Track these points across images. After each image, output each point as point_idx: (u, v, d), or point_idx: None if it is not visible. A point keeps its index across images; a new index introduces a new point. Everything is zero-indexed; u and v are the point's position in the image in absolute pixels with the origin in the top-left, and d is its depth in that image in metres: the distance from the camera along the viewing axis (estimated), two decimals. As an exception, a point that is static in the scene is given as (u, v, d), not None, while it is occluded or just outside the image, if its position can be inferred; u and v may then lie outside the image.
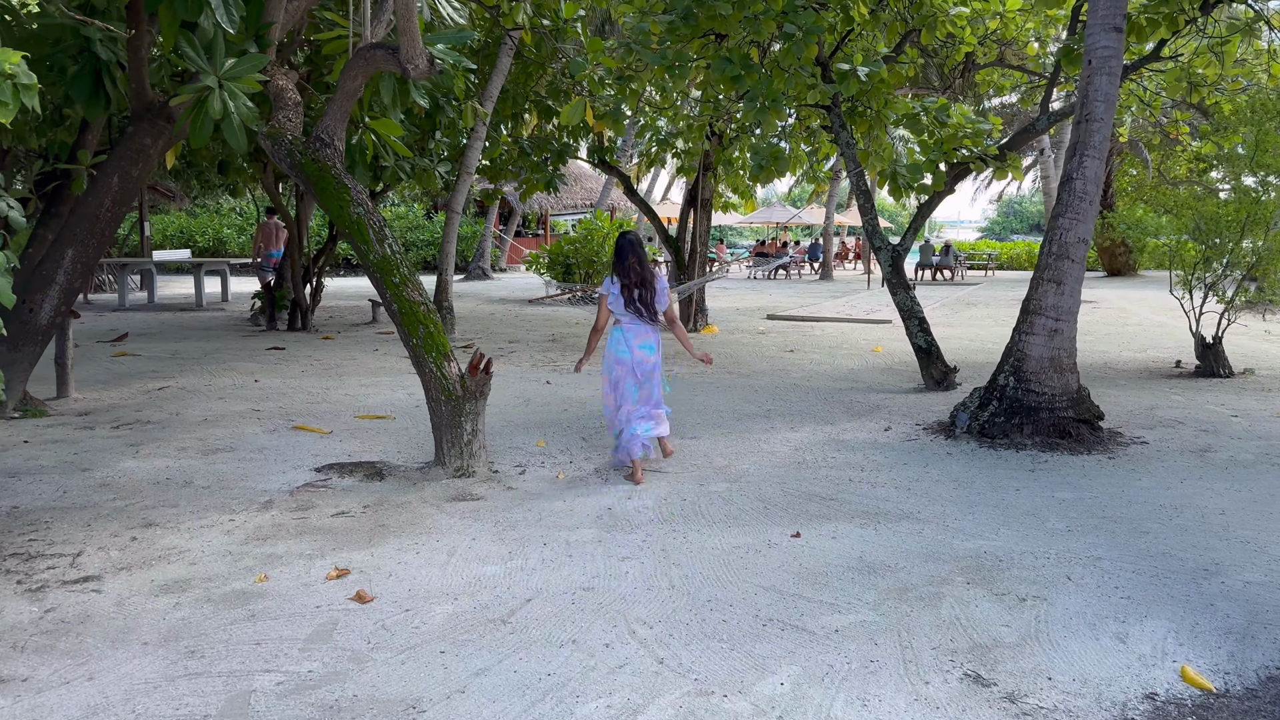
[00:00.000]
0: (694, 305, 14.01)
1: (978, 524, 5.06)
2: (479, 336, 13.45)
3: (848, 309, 17.90)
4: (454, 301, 19.56)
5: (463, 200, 13.21)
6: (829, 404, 8.52)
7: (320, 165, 6.17)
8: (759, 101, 8.31)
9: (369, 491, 5.56)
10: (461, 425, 5.88)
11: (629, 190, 14.59)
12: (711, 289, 24.26)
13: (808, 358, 11.44)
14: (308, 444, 6.79)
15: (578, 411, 8.03)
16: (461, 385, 5.86)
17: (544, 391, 8.95)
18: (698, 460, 6.42)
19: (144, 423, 7.42)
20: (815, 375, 10.13)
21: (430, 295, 5.96)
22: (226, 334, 13.42)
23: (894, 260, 9.43)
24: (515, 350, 11.93)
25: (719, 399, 8.67)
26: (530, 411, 8.03)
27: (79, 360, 10.46)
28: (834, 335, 13.88)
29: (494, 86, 13.02)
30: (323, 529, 4.84)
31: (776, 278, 30.96)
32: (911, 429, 7.48)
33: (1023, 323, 7.25)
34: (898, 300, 9.43)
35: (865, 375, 10.19)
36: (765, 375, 10.08)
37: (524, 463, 6.32)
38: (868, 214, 9.54)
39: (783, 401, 8.61)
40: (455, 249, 13.33)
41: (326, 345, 12.21)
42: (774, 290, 24.91)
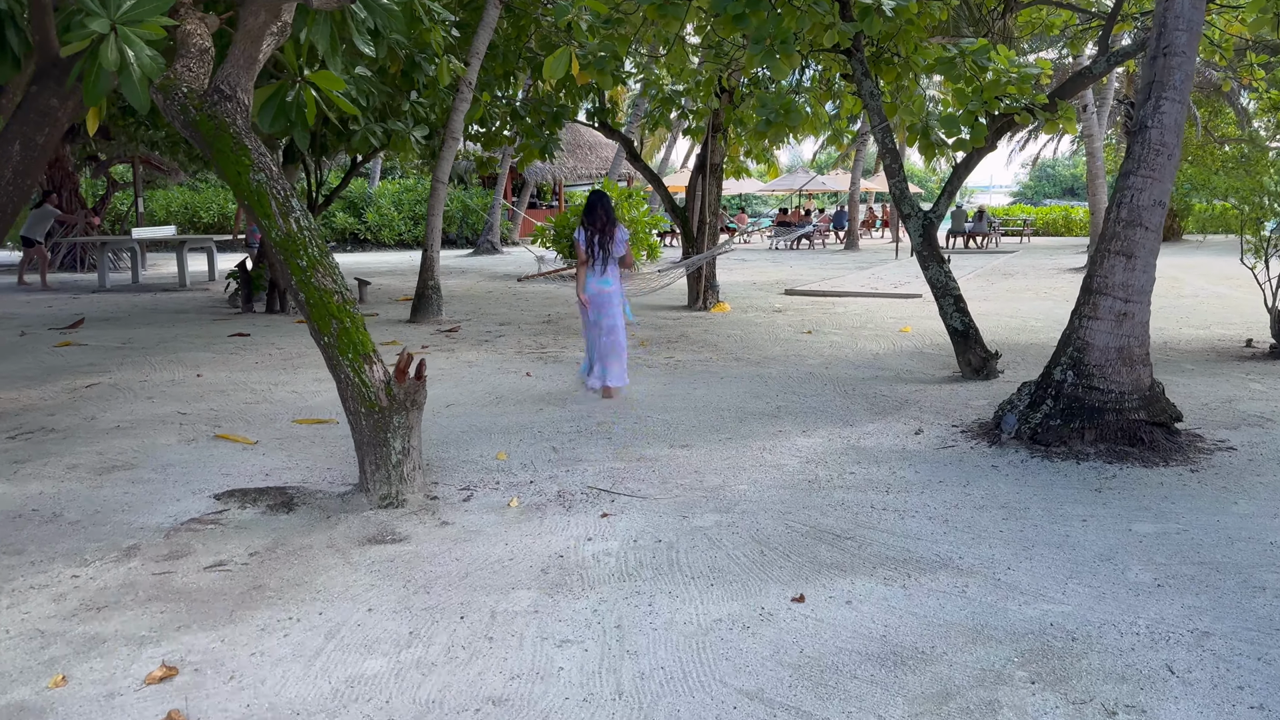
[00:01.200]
0: (703, 281, 12.79)
1: (1037, 575, 3.87)
2: (467, 318, 12.32)
3: (873, 282, 16.60)
4: (455, 279, 18.52)
5: (448, 169, 12.03)
6: (849, 398, 7.31)
7: (217, 122, 5.02)
8: (766, 43, 7.05)
9: (267, 530, 4.45)
10: (388, 443, 4.74)
11: (631, 155, 13.34)
12: (727, 261, 22.97)
13: (827, 340, 10.21)
14: (224, 458, 5.69)
15: (555, 412, 6.88)
16: (387, 394, 4.71)
17: (522, 386, 7.80)
18: (686, 478, 5.26)
19: (47, 431, 6.35)
20: (835, 362, 8.90)
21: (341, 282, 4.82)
22: (197, 317, 12.37)
23: (925, 229, 8.17)
24: (504, 334, 10.78)
25: (721, 393, 7.48)
26: (500, 412, 6.89)
27: (15, 351, 9.45)
28: (857, 313, 12.61)
29: (480, 42, 11.79)
30: (182, 593, 3.73)
31: (799, 248, 29.58)
32: (947, 431, 6.27)
33: (1084, 304, 6.00)
34: (930, 275, 8.18)
35: (892, 361, 8.95)
36: (778, 362, 8.87)
37: (474, 483, 5.18)
38: (895, 176, 8.27)
39: (795, 396, 7.40)
40: (441, 223, 12.17)
41: (297, 330, 11.12)
42: (795, 261, 23.59)
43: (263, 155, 4.96)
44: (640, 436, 6.17)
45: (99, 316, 12.47)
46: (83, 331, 10.91)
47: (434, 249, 12.14)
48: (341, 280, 4.79)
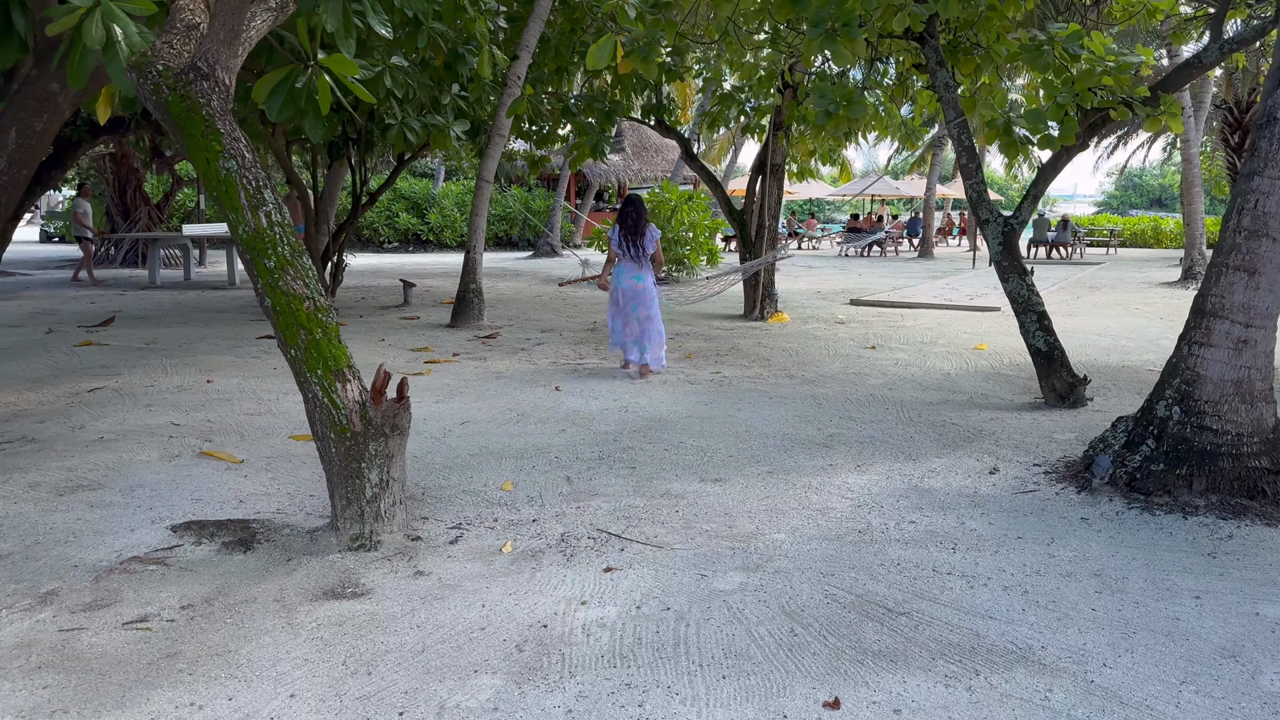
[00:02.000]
0: (760, 288, 11.97)
1: (1141, 677, 3.03)
2: (509, 323, 11.69)
3: (947, 293, 15.57)
4: (508, 282, 17.97)
5: (494, 167, 11.42)
6: (914, 426, 6.46)
7: (190, 103, 4.42)
8: (827, 25, 6.25)
9: (214, 574, 3.81)
10: (362, 475, 4.07)
11: (688, 155, 12.57)
12: (791, 268, 22.05)
13: (892, 357, 9.32)
14: (201, 480, 5.10)
15: (579, 433, 6.17)
16: (362, 417, 4.04)
17: (548, 402, 7.11)
18: (713, 521, 4.49)
19: (26, 441, 5.85)
20: (899, 382, 8.03)
21: (315, 286, 4.16)
22: (234, 317, 11.96)
23: (1005, 237, 7.27)
24: (544, 342, 10.12)
25: (768, 416, 6.69)
26: (519, 431, 6.20)
27: (34, 349, 9.08)
28: (928, 326, 11.66)
29: (530, 34, 11.16)
30: (82, 660, 3.10)
31: (870, 255, 28.47)
32: (1027, 471, 5.39)
33: (1195, 328, 5.07)
34: (1010, 288, 7.28)
35: (965, 383, 8.05)
36: (835, 381, 8.03)
37: (469, 520, 4.49)
38: (972, 177, 7.39)
39: (852, 422, 6.58)
40: (484, 223, 11.56)
41: (332, 333, 10.61)
42: (865, 269, 22.57)
43: (236, 141, 4.34)
44: (668, 466, 5.43)
45: (136, 314, 12.15)
46: (111, 330, 10.55)
47: (477, 250, 11.54)
48: (315, 285, 4.13)
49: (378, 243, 29.90)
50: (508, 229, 30.35)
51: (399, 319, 12.07)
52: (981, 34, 8.06)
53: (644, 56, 7.09)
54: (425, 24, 9.40)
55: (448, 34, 10.00)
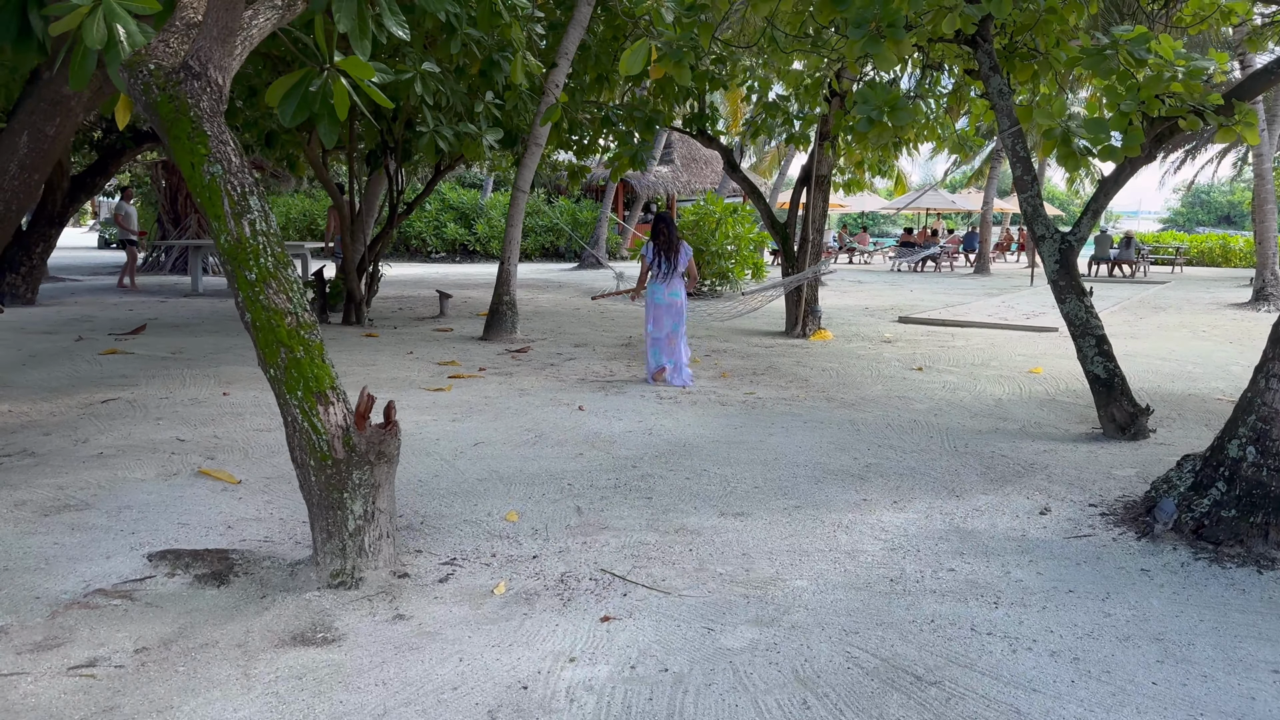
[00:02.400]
0: (802, 304, 11.52)
1: (1215, 775, 2.58)
2: (543, 337, 11.39)
3: (1002, 311, 14.97)
4: (549, 293, 17.69)
5: (530, 177, 11.15)
6: (959, 457, 5.99)
7: (178, 103, 4.16)
8: (870, 27, 5.85)
9: (179, 611, 3.51)
10: (344, 506, 3.76)
11: (730, 167, 12.19)
12: (840, 283, 21.51)
13: (940, 379, 8.83)
14: (193, 501, 4.83)
15: (597, 458, 5.81)
16: (345, 444, 3.73)
17: (569, 422, 6.76)
18: (730, 563, 4.10)
19: (25, 455, 5.65)
20: (946, 408, 7.55)
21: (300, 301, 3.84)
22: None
23: (1063, 254, 6.77)
24: (575, 357, 9.79)
25: (801, 443, 6.28)
26: (534, 454, 5.86)
27: (58, 357, 8.97)
28: (980, 346, 11.12)
29: (570, 42, 10.89)
30: (5, 714, 2.81)
31: (923, 270, 27.78)
32: (1081, 512, 4.91)
33: (1273, 360, 4.57)
34: (1067, 309, 6.78)
35: (1017, 410, 7.54)
36: (877, 405, 7.58)
37: (464, 555, 4.15)
38: (1026, 190, 6.91)
39: (892, 451, 6.13)
40: (519, 234, 11.30)
41: (362, 344, 10.40)
42: (917, 285, 21.94)
43: (223, 145, 4.07)
44: (687, 497, 5.04)
45: (171, 322, 12.08)
46: (140, 338, 10.44)
47: (511, 262, 11.27)
48: (300, 299, 3.83)
49: (425, 253, 29.94)
50: (554, 240, 30.19)
51: (432, 330, 11.84)
52: (1040, 39, 7.58)
53: (676, 61, 6.74)
54: (459, 29, 9.17)
55: (483, 40, 9.77)
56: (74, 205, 14.28)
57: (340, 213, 12.01)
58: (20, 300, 13.93)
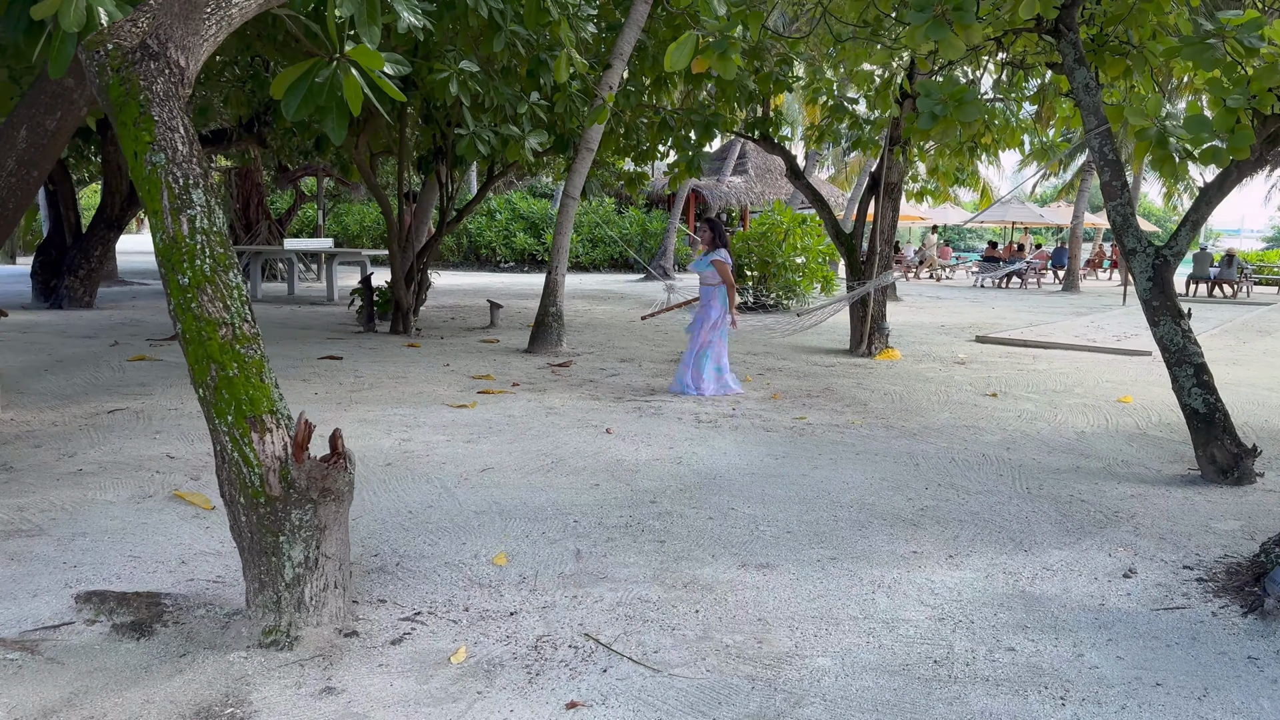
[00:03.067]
0: (868, 321, 10.74)
1: None
2: (590, 350, 10.82)
3: (1090, 332, 13.92)
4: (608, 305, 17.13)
5: (581, 183, 10.61)
6: (1031, 501, 5.22)
7: (129, 86, 3.69)
8: (935, 11, 5.14)
9: (81, 670, 3.00)
10: (280, 551, 3.21)
11: (793, 172, 11.48)
12: (918, 298, 20.51)
13: (1015, 408, 7.99)
14: (154, 529, 4.37)
15: (613, 490, 5.19)
16: (282, 478, 3.18)
17: (593, 447, 6.16)
18: (741, 631, 3.44)
19: (5, 469, 5.27)
20: (1021, 440, 6.75)
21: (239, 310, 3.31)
22: (312, 335, 11.51)
23: (1156, 271, 5.94)
24: (619, 373, 9.19)
25: (850, 477, 5.57)
26: (545, 484, 5.27)
27: (84, 363, 8.71)
28: (1063, 371, 10.20)
29: (625, 42, 10.35)
30: None
31: (1007, 287, 26.52)
32: (1174, 576, 4.13)
33: None
34: (1161, 333, 5.95)
35: (1101, 445, 6.69)
36: (941, 436, 6.81)
37: (432, 607, 3.58)
38: (1115, 198, 6.09)
39: (953, 492, 5.38)
40: (568, 243, 10.76)
41: (399, 355, 9.97)
42: (1000, 302, 20.83)
43: (171, 131, 3.57)
44: (706, 542, 4.39)
45: (216, 328, 11.84)
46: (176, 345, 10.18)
47: (558, 272, 10.74)
48: (240, 308, 3.30)
49: (495, 262, 29.77)
50: (623, 251, 29.72)
51: (478, 342, 11.37)
52: (1133, 30, 6.76)
53: (720, 53, 6.11)
54: (504, 27, 8.69)
55: (531, 39, 9.28)
56: (132, 209, 14.25)
57: (388, 219, 11.65)
58: (78, 303, 13.93)
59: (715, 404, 7.70)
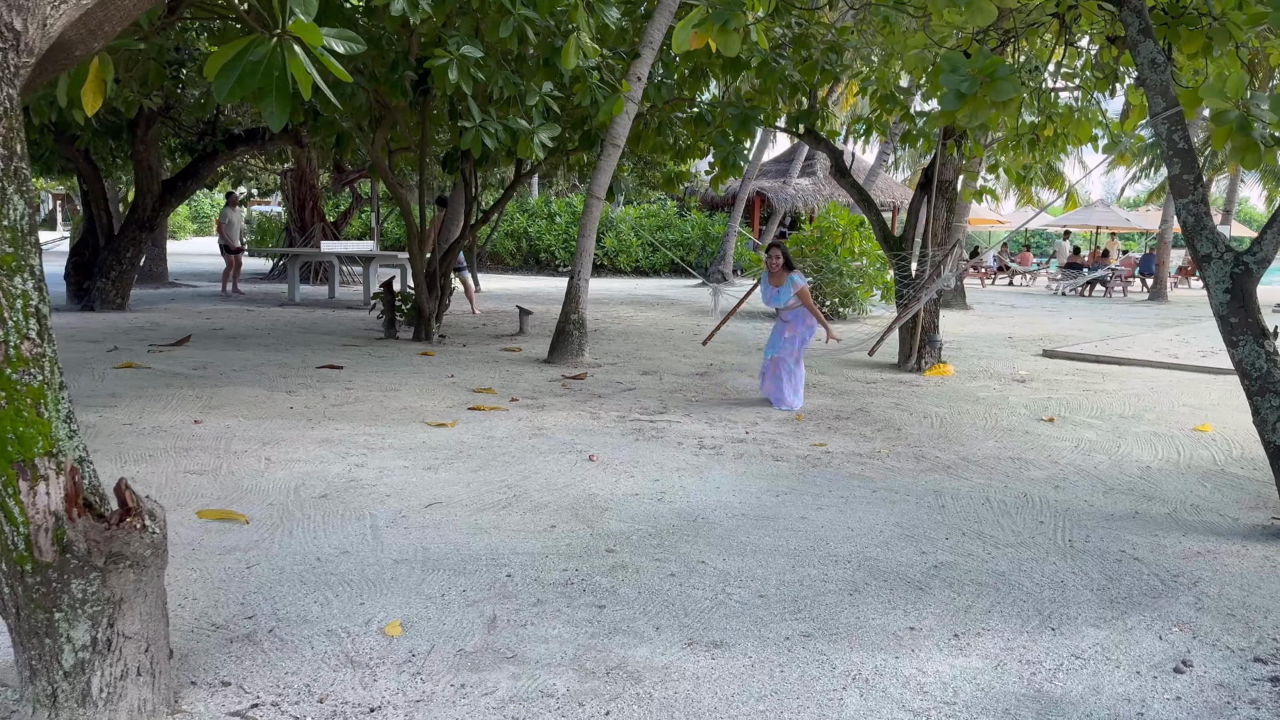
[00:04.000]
0: (918, 334, 9.78)
1: None
2: (614, 360, 10.09)
3: (1173, 346, 12.68)
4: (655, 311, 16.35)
5: (607, 182, 9.90)
6: (1072, 559, 4.31)
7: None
8: (959, -30, 4.28)
9: None
10: (56, 631, 2.55)
11: (838, 170, 10.58)
12: (990, 306, 19.26)
13: (1074, 435, 7.00)
14: None
15: (569, 535, 4.45)
16: (57, 541, 2.52)
17: (565, 477, 5.42)
18: (654, 746, 2.67)
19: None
20: (1073, 478, 5.80)
21: (21, 324, 2.65)
22: (327, 340, 11.03)
23: (1236, 281, 4.96)
24: (635, 388, 8.44)
25: (857, 522, 4.72)
26: (493, 523, 4.56)
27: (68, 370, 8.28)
28: (1137, 392, 9.11)
29: (655, 29, 9.62)
30: None
31: (1090, 295, 24.98)
32: (1241, 673, 3.21)
33: None
34: (1242, 355, 4.97)
35: (1169, 485, 5.71)
36: (979, 470, 5.89)
37: (276, 696, 2.89)
38: (1186, 194, 5.12)
39: (979, 543, 4.50)
40: (592, 245, 10.05)
41: (407, 363, 9.39)
42: (1080, 312, 19.47)
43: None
44: (656, 607, 3.62)
45: (232, 333, 11.45)
46: (176, 351, 9.76)
47: (581, 277, 10.04)
48: (20, 322, 2.64)
49: (554, 266, 29.27)
50: (684, 254, 28.94)
51: (499, 350, 10.74)
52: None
53: (721, 25, 5.33)
54: (513, 10, 8.03)
55: (546, 25, 8.60)
56: (164, 210, 14.02)
57: (407, 220, 11.09)
58: (110, 305, 13.73)
59: (728, 426, 6.90)
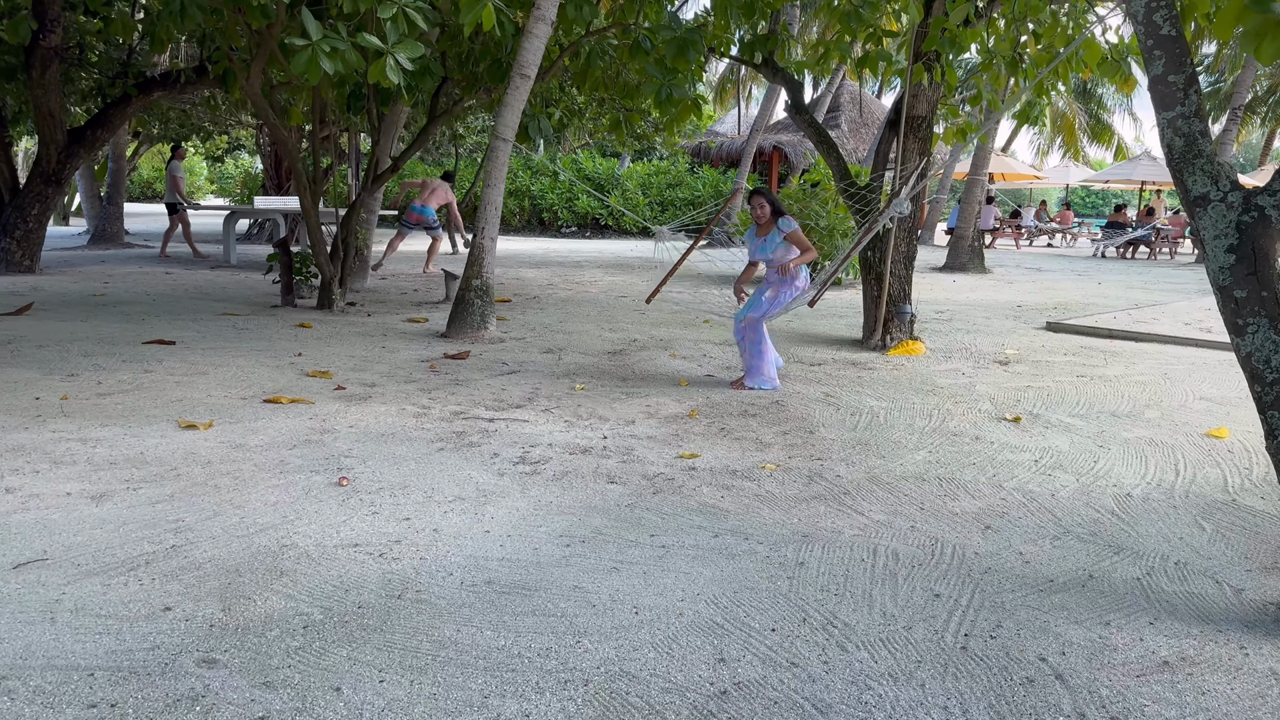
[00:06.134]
0: (883, 303, 8.06)
1: None
2: (521, 336, 8.51)
3: (1207, 319, 10.79)
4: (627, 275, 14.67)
5: (515, 120, 8.27)
6: (953, 678, 2.70)
7: None
8: None
9: None
10: None
11: (796, 107, 8.81)
12: (1014, 269, 17.26)
13: (1040, 444, 5.31)
14: None
15: (184, 627, 2.93)
16: None
17: (271, 515, 3.88)
18: None
19: None
20: (1013, 513, 4.14)
21: None
22: (209, 309, 9.60)
23: (1244, 234, 3.26)
24: (517, 370, 6.88)
25: (655, 597, 3.14)
26: (88, 599, 3.05)
27: None
28: (1145, 378, 7.32)
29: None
30: None
31: (1133, 256, 22.83)
32: None
33: None
34: (1250, 348, 3.28)
35: (1150, 528, 4.02)
36: (885, 499, 4.25)
37: None
38: (1175, 104, 3.39)
39: (815, 643, 2.89)
40: (498, 197, 8.43)
41: (268, 338, 7.91)
42: (1114, 275, 17.45)
43: None
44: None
45: (113, 299, 10.07)
46: (12, 320, 8.38)
47: (486, 234, 8.46)
48: None
49: (556, 227, 27.70)
50: (694, 215, 27.14)
51: (403, 321, 9.25)
52: None
53: None
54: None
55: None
56: (72, 162, 12.64)
57: (294, 169, 9.56)
58: (17, 268, 12.45)
59: (590, 427, 5.34)
